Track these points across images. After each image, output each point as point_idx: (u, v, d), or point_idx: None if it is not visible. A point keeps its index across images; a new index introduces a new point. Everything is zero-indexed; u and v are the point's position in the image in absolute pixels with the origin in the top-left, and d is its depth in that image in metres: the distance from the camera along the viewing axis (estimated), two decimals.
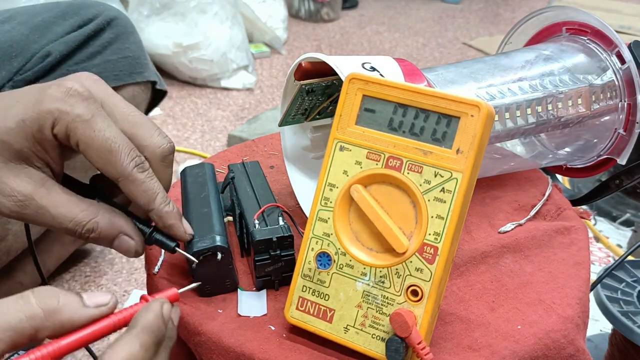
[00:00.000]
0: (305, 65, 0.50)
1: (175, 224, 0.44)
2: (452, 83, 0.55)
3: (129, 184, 0.41)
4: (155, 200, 0.42)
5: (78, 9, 0.84)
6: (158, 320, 0.35)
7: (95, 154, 0.40)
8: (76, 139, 0.40)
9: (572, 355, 0.45)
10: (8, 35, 0.79)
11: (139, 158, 0.42)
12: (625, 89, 0.60)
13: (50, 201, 0.41)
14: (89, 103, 0.40)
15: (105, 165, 0.41)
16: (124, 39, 0.86)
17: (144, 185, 0.42)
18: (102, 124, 0.40)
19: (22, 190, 0.40)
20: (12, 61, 0.78)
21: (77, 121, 0.40)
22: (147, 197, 0.42)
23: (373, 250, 0.42)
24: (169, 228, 0.44)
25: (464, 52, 2.39)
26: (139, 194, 0.42)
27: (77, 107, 0.40)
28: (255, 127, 1.57)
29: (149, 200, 0.42)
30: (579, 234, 0.56)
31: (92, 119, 0.40)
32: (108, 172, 0.41)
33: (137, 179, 0.41)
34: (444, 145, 0.40)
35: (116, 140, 0.41)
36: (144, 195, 0.42)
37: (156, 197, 0.42)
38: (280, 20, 2.31)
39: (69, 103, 0.40)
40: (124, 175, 0.41)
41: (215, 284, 0.47)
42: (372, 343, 0.41)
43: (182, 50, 1.85)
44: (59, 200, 0.41)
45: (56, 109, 0.39)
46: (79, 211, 0.41)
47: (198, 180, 0.54)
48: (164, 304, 0.37)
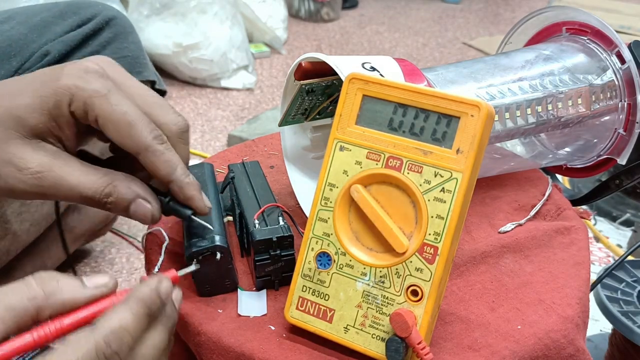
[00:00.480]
0: (305, 65, 0.50)
1: (195, 195, 0.44)
2: (452, 83, 0.55)
3: (150, 155, 0.41)
4: (176, 171, 0.42)
5: (77, 9, 0.84)
6: (152, 294, 0.36)
7: (114, 127, 0.41)
8: (94, 114, 0.40)
9: (572, 355, 0.45)
10: (7, 34, 0.79)
11: (157, 131, 0.42)
12: (625, 89, 0.60)
13: (68, 170, 0.41)
14: (105, 79, 0.41)
15: (124, 139, 0.41)
16: (122, 39, 0.86)
17: (165, 156, 0.42)
18: (119, 98, 0.41)
19: (38, 161, 0.40)
20: (11, 60, 0.78)
21: (95, 96, 0.40)
22: (168, 168, 0.42)
23: (373, 250, 0.42)
24: (190, 199, 0.44)
25: (464, 52, 2.39)
26: (160, 164, 0.42)
27: (93, 83, 0.40)
28: (255, 127, 1.57)
29: (170, 171, 0.42)
30: (579, 234, 0.56)
31: (109, 93, 0.40)
32: (127, 146, 0.41)
33: (157, 149, 0.41)
34: (444, 145, 0.40)
35: (134, 114, 0.41)
36: (165, 165, 0.42)
37: (177, 168, 0.42)
38: (280, 20, 2.31)
39: (85, 79, 0.40)
40: (144, 146, 0.41)
41: (215, 283, 0.47)
42: (372, 343, 0.41)
43: (182, 50, 1.85)
44: (76, 169, 0.41)
45: (73, 84, 0.40)
46: (97, 178, 0.41)
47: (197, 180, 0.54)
48: (162, 280, 0.37)
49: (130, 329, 0.34)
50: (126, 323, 0.34)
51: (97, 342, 0.33)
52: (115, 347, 0.33)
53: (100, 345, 0.33)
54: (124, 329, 0.34)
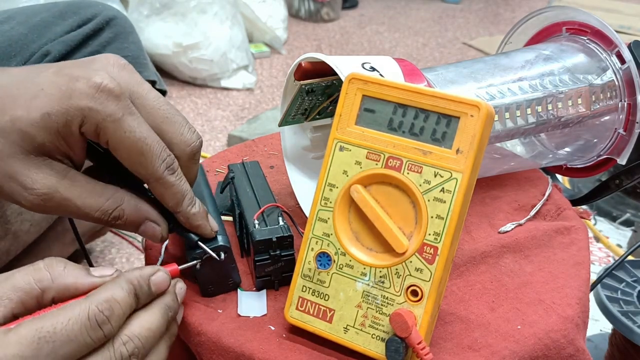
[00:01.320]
0: (305, 65, 0.50)
1: (201, 225, 0.44)
2: (452, 83, 0.55)
3: (159, 187, 0.41)
4: (183, 202, 0.43)
5: (77, 9, 0.84)
6: (140, 277, 0.38)
7: (126, 154, 0.40)
8: (106, 139, 0.39)
9: (572, 355, 0.45)
10: (7, 35, 0.79)
11: (170, 158, 0.41)
12: (625, 89, 0.60)
13: (74, 193, 0.40)
14: (119, 101, 0.39)
15: (135, 166, 0.40)
16: (122, 39, 0.86)
17: (173, 189, 0.42)
18: (132, 123, 0.39)
19: (44, 183, 0.39)
20: (11, 60, 0.78)
21: (108, 121, 0.38)
22: (175, 200, 0.42)
23: (373, 250, 0.42)
24: (196, 228, 0.44)
25: (464, 52, 2.39)
26: (168, 196, 0.42)
27: (107, 105, 0.38)
28: (255, 127, 1.58)
29: (177, 202, 0.42)
30: (579, 234, 0.56)
31: (122, 118, 0.39)
32: (138, 173, 0.41)
33: (167, 182, 0.41)
34: (444, 145, 0.40)
35: (147, 141, 0.40)
36: (172, 197, 0.42)
37: (184, 199, 0.42)
38: (280, 20, 2.31)
39: (99, 101, 0.38)
40: (154, 177, 0.41)
41: (218, 283, 0.47)
42: (372, 343, 0.41)
43: (182, 50, 1.85)
44: (83, 190, 0.41)
45: (86, 106, 0.38)
46: (104, 200, 0.41)
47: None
48: (158, 270, 0.39)
49: (120, 301, 0.36)
50: (116, 295, 0.36)
51: (90, 308, 0.35)
52: (107, 313, 0.35)
53: (93, 310, 0.35)
54: (115, 300, 0.36)
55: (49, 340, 0.34)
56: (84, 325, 0.35)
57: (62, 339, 0.34)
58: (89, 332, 0.35)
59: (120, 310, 0.36)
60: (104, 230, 1.10)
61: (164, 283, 0.40)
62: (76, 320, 0.35)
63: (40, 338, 0.33)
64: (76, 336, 0.34)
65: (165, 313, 0.39)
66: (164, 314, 0.39)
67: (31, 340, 0.33)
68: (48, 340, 0.34)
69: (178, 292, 0.41)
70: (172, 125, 0.42)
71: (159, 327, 0.39)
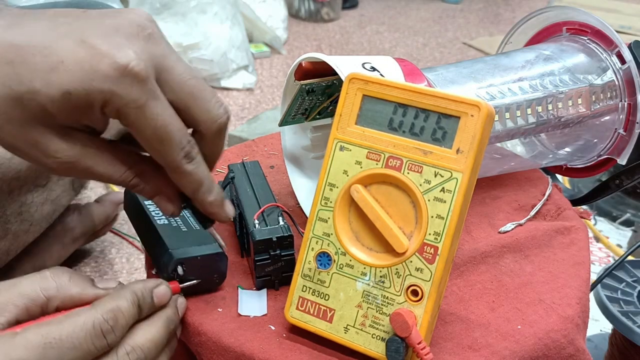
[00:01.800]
0: (305, 65, 0.50)
1: (216, 212, 0.43)
2: (452, 83, 0.55)
3: (176, 174, 0.41)
4: (200, 190, 0.42)
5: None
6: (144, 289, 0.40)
7: (146, 141, 0.39)
8: (127, 123, 0.38)
9: (572, 355, 0.45)
10: None
11: (189, 146, 0.40)
12: (625, 89, 0.60)
13: (97, 161, 0.40)
14: (144, 85, 0.37)
15: (154, 152, 0.40)
16: None
17: (190, 177, 0.41)
18: (155, 110, 0.38)
19: (67, 153, 0.38)
20: None
21: (131, 107, 0.37)
22: (191, 187, 0.42)
23: (373, 250, 0.42)
24: (212, 215, 0.44)
25: (464, 52, 2.39)
26: (185, 183, 0.41)
27: (131, 91, 0.36)
28: (255, 127, 1.57)
29: (194, 190, 0.42)
30: (579, 234, 0.56)
31: (145, 104, 0.37)
32: (156, 158, 0.40)
33: (184, 171, 0.40)
34: (444, 145, 0.40)
35: (168, 129, 0.38)
36: (189, 185, 0.41)
37: (200, 187, 0.42)
38: (280, 20, 2.31)
39: (123, 86, 0.36)
40: (171, 166, 0.40)
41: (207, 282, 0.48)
42: (372, 343, 0.41)
43: (182, 50, 1.85)
44: (105, 159, 0.40)
45: (109, 90, 0.36)
46: (125, 169, 0.41)
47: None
48: (161, 284, 0.41)
49: (124, 311, 0.38)
50: (121, 305, 0.38)
51: (95, 317, 0.36)
52: (112, 323, 0.37)
53: (99, 320, 0.36)
54: (119, 310, 0.37)
55: (54, 346, 0.34)
56: (89, 334, 0.36)
57: (67, 346, 0.35)
58: (93, 341, 0.36)
59: (124, 321, 0.38)
60: (104, 230, 1.10)
61: (166, 296, 0.41)
62: (82, 328, 0.36)
63: (46, 344, 0.34)
64: (81, 344, 0.35)
65: (167, 326, 0.41)
66: (167, 326, 0.41)
67: (37, 345, 0.34)
68: (54, 346, 0.34)
69: (179, 307, 0.43)
70: (198, 101, 0.40)
71: (161, 339, 0.40)
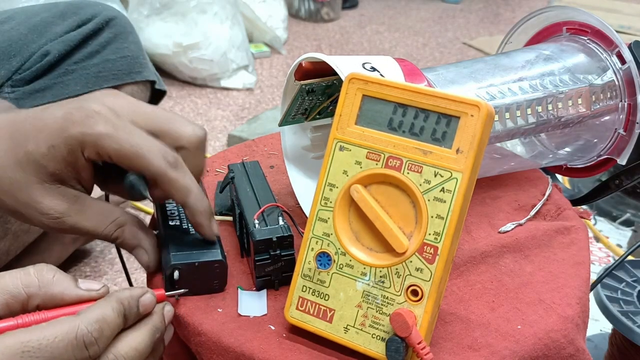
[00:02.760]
0: (305, 65, 0.50)
1: (205, 224, 0.46)
2: (452, 83, 0.55)
3: (164, 183, 0.44)
4: (190, 196, 0.45)
5: (77, 9, 0.84)
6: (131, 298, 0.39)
7: (128, 162, 0.43)
8: (107, 154, 0.43)
9: (572, 355, 0.45)
10: (7, 35, 0.79)
11: (171, 156, 0.44)
12: (625, 89, 0.60)
13: (83, 216, 0.45)
14: (107, 119, 0.43)
15: (141, 169, 0.43)
16: (122, 39, 0.86)
17: (178, 183, 0.44)
18: (124, 134, 0.43)
19: (57, 209, 0.44)
20: (11, 60, 0.78)
21: (101, 139, 0.42)
22: (182, 194, 0.44)
23: (373, 250, 0.42)
24: (198, 226, 0.46)
25: (464, 52, 2.39)
26: (174, 191, 0.44)
27: (97, 126, 0.42)
28: (255, 127, 1.57)
29: (184, 196, 0.45)
30: (579, 233, 0.56)
31: (114, 132, 0.42)
32: (145, 174, 0.44)
33: (171, 178, 0.44)
34: (444, 145, 0.40)
35: (143, 145, 0.43)
36: (179, 191, 0.44)
37: (190, 193, 0.45)
38: (280, 20, 2.31)
39: (89, 125, 0.42)
40: (159, 174, 0.43)
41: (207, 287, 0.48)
42: (372, 343, 0.41)
43: (182, 50, 1.85)
44: (92, 214, 0.45)
45: (79, 133, 0.42)
46: (108, 222, 0.46)
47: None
48: (147, 292, 0.41)
49: (109, 322, 0.37)
50: (107, 315, 0.37)
51: (79, 327, 0.36)
52: (96, 335, 0.36)
53: (82, 331, 0.36)
54: (105, 321, 0.37)
55: (32, 355, 0.34)
56: (70, 344, 0.35)
57: (45, 356, 0.34)
58: (74, 352, 0.35)
59: (109, 332, 0.37)
60: None
61: (151, 305, 0.41)
62: (63, 339, 0.35)
63: (24, 352, 0.34)
64: (61, 354, 0.35)
65: (152, 334, 0.40)
66: (151, 335, 0.40)
67: (15, 352, 0.33)
68: (32, 355, 0.34)
69: (166, 314, 0.42)
70: (172, 123, 0.46)
71: (146, 348, 0.39)
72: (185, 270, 0.46)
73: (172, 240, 0.48)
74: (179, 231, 0.49)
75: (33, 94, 0.79)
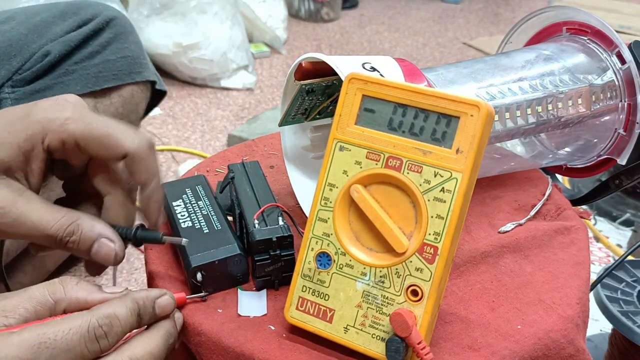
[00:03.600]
0: (305, 65, 0.50)
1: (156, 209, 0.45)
2: (452, 83, 0.55)
3: (136, 162, 0.42)
4: (154, 180, 0.43)
5: (77, 9, 0.84)
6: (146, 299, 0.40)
7: (97, 142, 0.41)
8: (73, 138, 0.41)
9: (572, 355, 0.45)
10: (7, 35, 0.79)
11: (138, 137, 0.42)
12: (625, 89, 0.60)
13: (30, 207, 0.41)
14: (75, 106, 0.42)
15: (109, 149, 0.42)
16: (123, 39, 0.86)
17: (149, 163, 0.43)
18: (93, 117, 0.42)
19: (1, 197, 0.40)
20: (12, 61, 0.78)
21: (69, 123, 0.41)
22: (149, 175, 0.43)
23: (373, 250, 0.42)
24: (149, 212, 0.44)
25: (464, 52, 2.39)
26: (144, 170, 0.43)
27: (64, 111, 0.41)
28: (255, 127, 1.57)
29: (150, 177, 0.43)
30: (579, 233, 0.56)
31: (82, 116, 0.41)
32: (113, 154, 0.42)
33: (146, 155, 0.42)
34: (444, 145, 0.40)
35: (113, 126, 0.42)
36: (147, 172, 0.43)
37: (155, 176, 0.43)
38: (280, 20, 2.31)
39: (57, 110, 0.41)
40: (134, 151, 0.42)
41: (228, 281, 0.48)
42: (372, 343, 0.41)
43: (182, 50, 1.85)
44: (40, 206, 0.41)
45: (44, 117, 0.41)
46: (60, 216, 0.41)
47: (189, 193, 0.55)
48: (164, 294, 0.41)
49: (121, 319, 0.38)
50: (119, 312, 0.38)
51: (91, 321, 0.37)
52: (106, 328, 0.37)
53: (93, 323, 0.37)
54: (116, 317, 0.38)
55: (48, 346, 0.35)
56: (82, 337, 0.36)
57: (61, 347, 0.35)
58: (86, 344, 0.36)
59: (119, 327, 0.38)
60: None
61: (169, 306, 0.41)
62: (76, 331, 0.36)
63: (41, 343, 0.35)
64: (74, 346, 0.36)
65: (167, 340, 0.41)
66: (166, 340, 0.41)
67: (32, 344, 0.35)
68: (48, 346, 0.35)
69: (176, 321, 0.43)
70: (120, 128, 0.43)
71: (160, 353, 0.40)
72: (207, 269, 0.46)
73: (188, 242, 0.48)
74: (193, 232, 0.49)
75: (33, 94, 0.79)
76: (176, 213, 0.52)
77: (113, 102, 0.86)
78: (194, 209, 0.52)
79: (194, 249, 0.47)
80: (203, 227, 0.50)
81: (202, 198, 0.54)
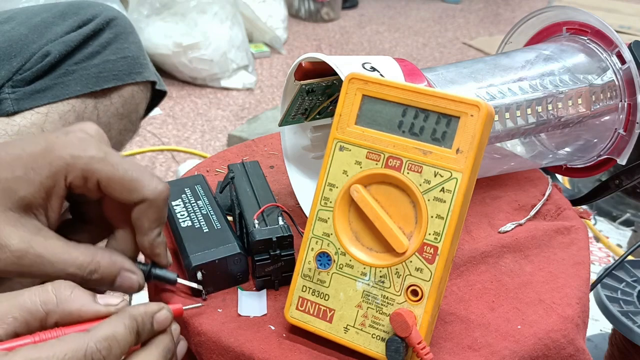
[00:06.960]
0: (305, 65, 0.50)
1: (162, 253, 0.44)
2: (452, 83, 0.55)
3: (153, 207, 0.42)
4: (162, 225, 0.43)
5: (77, 10, 0.84)
6: (145, 315, 0.38)
7: (119, 185, 0.41)
8: (96, 178, 0.40)
9: (572, 355, 0.45)
10: (7, 35, 0.79)
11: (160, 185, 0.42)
12: (625, 89, 0.60)
13: (48, 248, 0.40)
14: (99, 144, 0.41)
15: (130, 194, 0.41)
16: (123, 39, 0.86)
17: (162, 211, 0.42)
18: (116, 158, 0.41)
19: (18, 239, 0.40)
20: (12, 61, 0.78)
21: (93, 162, 0.40)
22: (161, 220, 0.43)
23: (373, 250, 0.42)
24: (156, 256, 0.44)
25: (464, 52, 2.39)
26: (158, 215, 0.42)
27: (89, 149, 0.40)
28: (255, 127, 1.58)
29: (162, 222, 0.43)
30: (579, 233, 0.56)
31: (106, 156, 0.40)
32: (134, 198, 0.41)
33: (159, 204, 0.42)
34: (444, 145, 0.40)
35: (136, 170, 0.41)
36: (162, 217, 0.43)
37: (161, 224, 0.43)
38: (280, 20, 2.31)
39: (81, 147, 0.40)
40: (153, 197, 0.41)
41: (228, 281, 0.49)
42: (372, 343, 0.41)
43: (182, 50, 1.85)
44: (57, 246, 0.41)
45: (69, 154, 0.40)
46: (79, 254, 0.41)
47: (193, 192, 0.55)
48: (162, 308, 0.39)
49: (120, 340, 0.36)
50: (117, 332, 0.36)
51: (88, 345, 0.35)
52: (104, 352, 0.35)
53: (91, 348, 0.35)
54: (115, 339, 0.36)
55: None
56: None
57: None
58: None
59: (118, 350, 0.36)
60: None
61: (167, 321, 0.40)
62: (72, 356, 0.34)
63: None
64: None
65: (165, 356, 0.39)
66: (164, 357, 0.39)
67: None
68: None
69: (173, 332, 0.41)
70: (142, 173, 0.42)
71: None
72: (207, 269, 0.46)
73: (188, 241, 0.48)
74: (193, 231, 0.50)
75: (33, 94, 0.79)
76: (176, 213, 0.52)
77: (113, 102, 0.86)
78: (193, 208, 0.53)
79: (193, 248, 0.47)
80: (203, 227, 0.50)
81: (201, 198, 0.54)
